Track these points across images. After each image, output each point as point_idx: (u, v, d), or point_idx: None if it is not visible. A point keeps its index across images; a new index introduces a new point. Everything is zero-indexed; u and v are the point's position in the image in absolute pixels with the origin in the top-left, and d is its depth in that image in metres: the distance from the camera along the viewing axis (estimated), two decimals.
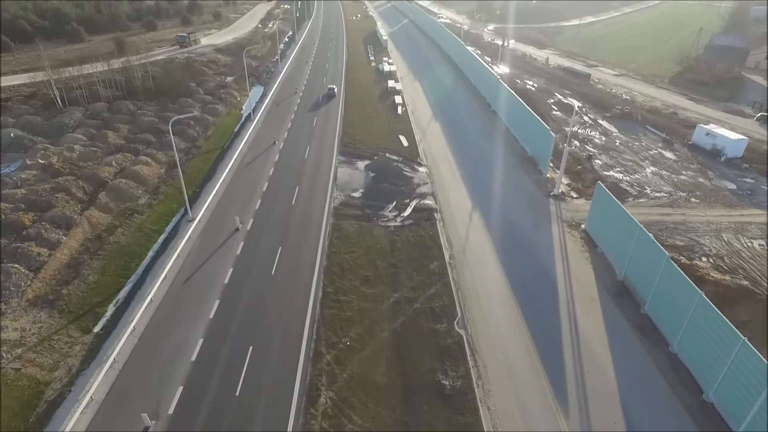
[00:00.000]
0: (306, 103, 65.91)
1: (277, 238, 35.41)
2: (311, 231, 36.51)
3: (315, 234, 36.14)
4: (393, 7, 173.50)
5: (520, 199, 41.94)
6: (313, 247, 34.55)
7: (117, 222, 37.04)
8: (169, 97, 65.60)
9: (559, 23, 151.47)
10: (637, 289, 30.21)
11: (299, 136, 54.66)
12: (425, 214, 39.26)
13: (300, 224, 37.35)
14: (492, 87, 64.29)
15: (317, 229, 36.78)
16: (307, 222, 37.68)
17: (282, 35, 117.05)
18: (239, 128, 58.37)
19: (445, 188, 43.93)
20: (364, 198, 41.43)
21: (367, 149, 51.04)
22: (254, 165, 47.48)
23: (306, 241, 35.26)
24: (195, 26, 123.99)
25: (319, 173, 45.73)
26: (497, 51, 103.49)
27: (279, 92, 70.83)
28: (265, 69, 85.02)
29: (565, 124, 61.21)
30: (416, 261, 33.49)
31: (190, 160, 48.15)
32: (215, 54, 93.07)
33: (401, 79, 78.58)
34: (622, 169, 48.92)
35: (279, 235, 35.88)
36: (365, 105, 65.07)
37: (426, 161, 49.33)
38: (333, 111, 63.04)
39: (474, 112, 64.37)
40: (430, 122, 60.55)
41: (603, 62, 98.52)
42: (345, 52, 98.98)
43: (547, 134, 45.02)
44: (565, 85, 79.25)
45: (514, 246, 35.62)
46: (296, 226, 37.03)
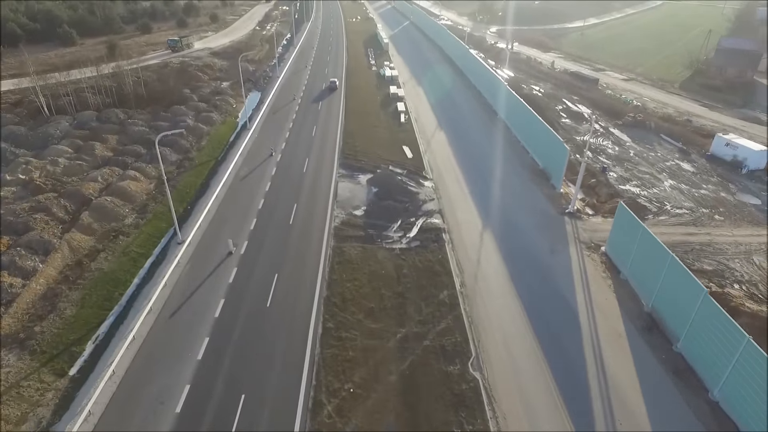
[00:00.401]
0: (305, 111, 63.18)
1: (274, 264, 32.66)
2: (310, 255, 33.76)
3: (314, 259, 33.40)
4: (393, 9, 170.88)
5: (534, 218, 39.23)
6: (312, 274, 31.81)
7: (100, 245, 34.26)
8: (161, 105, 62.85)
9: (563, 25, 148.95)
10: (668, 324, 27.52)
11: (297, 146, 51.92)
12: (433, 235, 36.55)
13: (298, 247, 34.60)
14: (498, 93, 61.65)
15: (317, 252, 34.04)
16: (305, 245, 34.94)
17: (280, 38, 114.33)
18: (234, 138, 55.60)
19: (452, 205, 41.22)
20: (367, 216, 38.70)
21: (369, 161, 48.32)
22: (250, 179, 44.73)
23: (304, 267, 32.52)
24: (191, 28, 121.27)
25: (319, 188, 43.00)
26: (501, 54, 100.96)
27: (276, 99, 68.08)
28: (263, 74, 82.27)
29: (576, 133, 58.63)
30: (424, 289, 30.79)
31: (182, 174, 45.37)
32: (211, 58, 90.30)
33: (403, 85, 75.87)
34: (639, 183, 46.26)
35: (275, 259, 33.13)
36: (367, 112, 62.36)
37: (432, 174, 46.62)
38: (333, 119, 60.33)
39: (480, 120, 61.69)
40: (434, 131, 57.85)
41: (610, 66, 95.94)
42: (345, 55, 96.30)
43: (561, 147, 42.34)
44: (573, 91, 76.59)
45: (530, 271, 32.92)
46: (294, 250, 34.28)
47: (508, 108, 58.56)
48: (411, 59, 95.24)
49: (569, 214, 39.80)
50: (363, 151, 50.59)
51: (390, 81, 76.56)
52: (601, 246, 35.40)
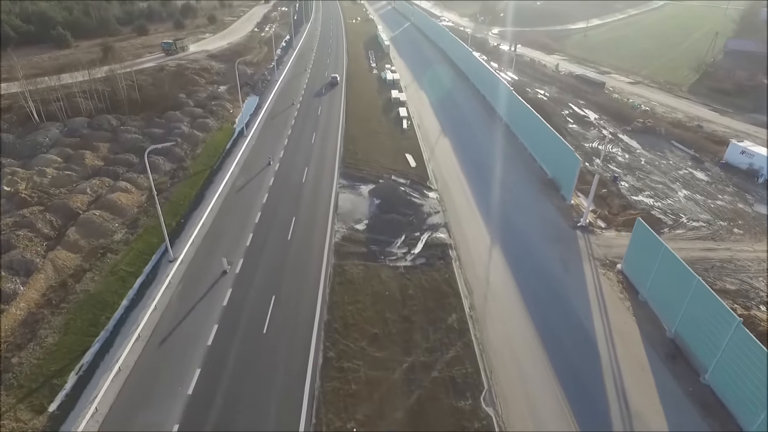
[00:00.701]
0: (304, 116, 61.25)
1: (271, 285, 30.74)
2: (310, 274, 31.84)
3: (314, 278, 31.48)
4: (394, 10, 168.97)
5: (544, 232, 37.32)
6: (311, 296, 29.89)
7: (87, 264, 32.33)
8: (156, 110, 60.90)
9: (565, 26, 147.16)
10: (694, 352, 25.63)
11: (297, 154, 50.00)
12: (439, 251, 34.64)
13: (297, 266, 32.68)
14: (503, 98, 59.76)
15: (316, 271, 32.12)
16: (305, 263, 33.02)
17: (279, 40, 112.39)
18: (231, 145, 53.65)
19: (459, 218, 39.31)
20: (369, 231, 36.78)
21: (371, 171, 46.41)
22: (246, 190, 42.81)
23: (304, 288, 30.61)
24: (188, 30, 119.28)
25: (319, 200, 41.09)
26: (503, 56, 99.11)
27: (275, 104, 66.16)
28: (261, 77, 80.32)
29: (584, 139, 56.77)
30: (432, 312, 28.89)
31: (175, 185, 43.43)
32: (208, 61, 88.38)
33: (405, 89, 73.95)
34: (652, 193, 44.39)
35: (272, 280, 31.22)
36: (368, 118, 60.44)
37: (436, 185, 44.72)
38: (333, 125, 58.41)
39: (485, 125, 59.77)
40: (438, 138, 55.94)
41: (615, 68, 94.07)
42: (345, 57, 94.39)
43: (572, 157, 40.44)
44: (579, 95, 74.74)
45: (542, 291, 31.03)
46: (292, 269, 32.36)
47: (513, 113, 56.69)
48: (412, 62, 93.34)
49: (581, 227, 37.91)
50: (364, 159, 48.68)
51: (391, 85, 74.65)
52: (616, 263, 33.53)
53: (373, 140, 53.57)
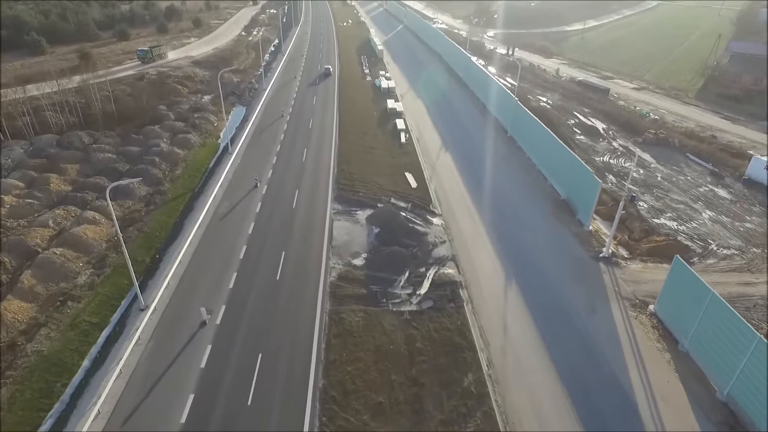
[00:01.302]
0: (294, 130, 57.01)
1: (257, 339, 26.56)
2: (302, 325, 27.69)
3: (307, 330, 27.34)
4: (386, 12, 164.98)
5: (564, 264, 33.50)
6: (304, 354, 25.74)
7: (43, 316, 27.91)
8: (133, 124, 56.39)
9: (561, 28, 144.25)
10: (754, 421, 21.88)
11: (286, 174, 45.77)
12: (448, 291, 30.67)
13: (287, 313, 28.51)
14: (507, 109, 55.99)
15: (309, 321, 27.99)
16: (296, 309, 28.86)
17: (267, 44, 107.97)
18: (215, 164, 49.28)
19: (467, 248, 35.37)
20: (369, 267, 32.69)
21: (368, 193, 42.34)
22: (230, 218, 38.52)
23: (296, 343, 26.46)
24: (172, 34, 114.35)
25: (311, 230, 36.92)
26: (501, 61, 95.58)
27: (263, 115, 61.81)
28: (248, 86, 75.85)
29: (594, 153, 53.19)
30: (444, 372, 24.89)
31: (151, 213, 39.02)
32: (192, 68, 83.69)
33: (402, 97, 69.95)
34: (674, 215, 40.83)
35: (259, 332, 27.03)
36: (363, 131, 56.33)
37: (440, 208, 40.76)
38: (326, 140, 54.22)
39: (488, 139, 55.91)
40: (439, 153, 52.00)
41: (616, 72, 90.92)
42: (337, 63, 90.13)
43: (590, 179, 36.67)
44: (584, 102, 71.30)
45: (568, 339, 27.20)
46: (282, 318, 28.19)
47: (519, 126, 52.94)
48: (408, 68, 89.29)
49: (604, 259, 34.15)
50: (360, 179, 44.59)
51: (387, 93, 70.63)
52: (648, 303, 29.79)
53: (369, 157, 49.49)
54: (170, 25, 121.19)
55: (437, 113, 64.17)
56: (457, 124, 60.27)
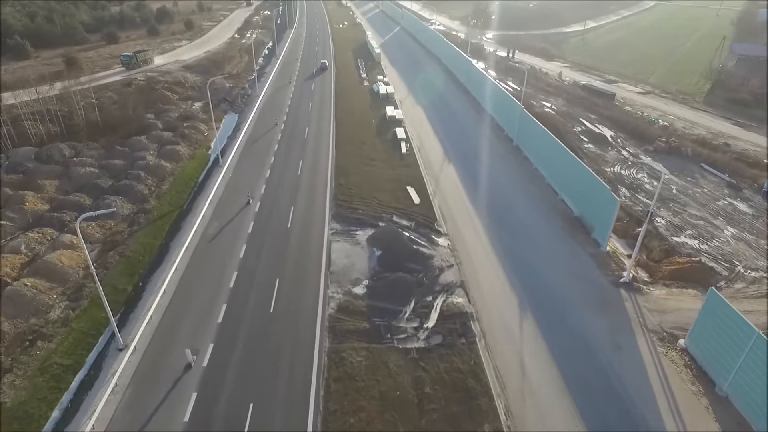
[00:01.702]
0: (289, 140, 54.19)
1: (248, 384, 23.81)
2: (298, 368, 24.95)
3: (304, 373, 24.60)
4: (382, 13, 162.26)
5: (581, 291, 30.93)
6: (301, 404, 23.00)
7: (9, 359, 25.02)
8: (119, 135, 53.44)
9: (560, 29, 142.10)
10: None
11: (281, 190, 42.98)
12: (458, 324, 28.03)
13: (282, 354, 25.75)
14: (512, 116, 53.40)
15: (307, 361, 25.26)
16: (291, 349, 26.11)
17: (261, 47, 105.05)
18: (204, 178, 46.44)
19: (476, 273, 32.73)
20: (371, 297, 30.00)
21: (368, 210, 39.62)
22: (220, 240, 35.70)
23: (292, 389, 23.73)
24: (163, 37, 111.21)
25: (308, 253, 34.16)
26: (502, 64, 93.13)
27: (256, 124, 58.94)
28: (240, 92, 72.91)
29: (603, 162, 50.73)
30: (457, 422, 22.27)
31: (135, 234, 36.13)
32: (183, 72, 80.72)
33: (401, 104, 67.27)
34: (695, 232, 38.40)
35: (250, 376, 24.27)
36: (361, 141, 53.59)
37: (446, 227, 38.09)
38: (322, 151, 51.44)
39: (493, 148, 53.29)
40: (442, 164, 49.35)
41: (620, 75, 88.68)
42: (333, 67, 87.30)
43: (606, 196, 34.13)
44: (589, 107, 68.90)
45: (593, 380, 24.62)
46: (276, 359, 25.43)
47: (526, 136, 50.40)
48: (406, 72, 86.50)
49: (625, 284, 31.61)
50: (359, 195, 41.87)
51: (385, 99, 67.92)
52: (677, 337, 27.27)
53: (368, 170, 46.76)
54: (161, 28, 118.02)
55: (438, 120, 61.52)
56: (459, 132, 57.64)
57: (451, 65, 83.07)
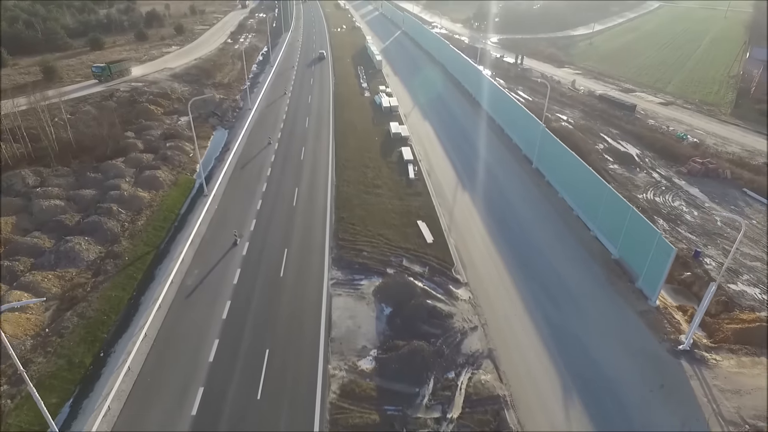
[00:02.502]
0: (283, 162, 48.75)
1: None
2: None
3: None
4: (382, 16, 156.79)
5: (636, 365, 25.55)
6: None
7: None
8: (93, 157, 47.93)
9: (566, 33, 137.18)
10: None
11: (273, 227, 37.51)
12: (489, 413, 22.67)
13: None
14: (532, 135, 48.07)
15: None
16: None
17: (255, 53, 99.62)
18: (187, 209, 40.98)
19: (505, 339, 27.37)
20: (381, 375, 24.58)
21: (374, 251, 34.22)
22: (200, 295, 30.22)
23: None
24: (152, 42, 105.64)
25: (304, 312, 28.72)
26: (510, 71, 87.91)
27: (247, 143, 53.44)
28: (231, 104, 67.35)
29: (633, 187, 45.54)
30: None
31: (101, 286, 30.64)
32: (170, 82, 75.14)
33: (406, 118, 61.83)
34: (753, 278, 33.22)
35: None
36: (364, 164, 48.13)
37: (465, 274, 32.71)
38: (321, 178, 45.96)
39: (511, 172, 47.88)
40: (455, 192, 43.97)
41: (637, 84, 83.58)
42: (331, 75, 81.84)
43: (660, 245, 28.75)
44: (609, 121, 63.77)
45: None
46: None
47: (548, 158, 45.14)
48: (410, 80, 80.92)
49: (685, 353, 26.30)
50: (363, 232, 36.45)
51: (389, 113, 62.50)
52: (760, 427, 21.95)
53: (372, 200, 41.32)
54: (150, 32, 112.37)
55: (447, 137, 56.12)
56: (472, 152, 52.23)
57: (459, 74, 77.66)
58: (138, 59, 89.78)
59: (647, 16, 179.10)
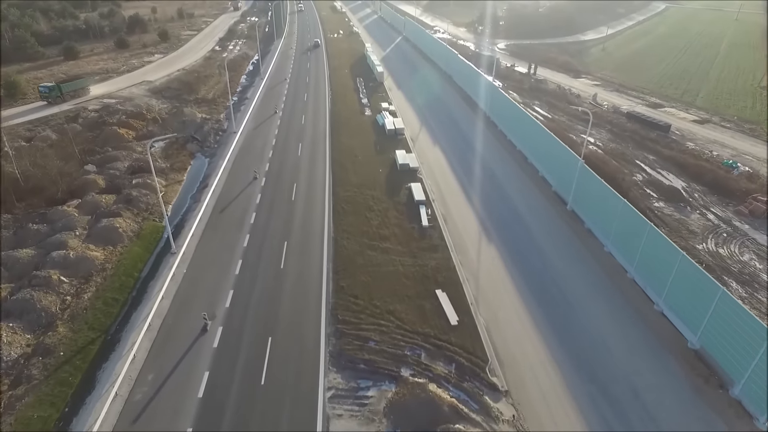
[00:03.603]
0: (270, 204, 41.00)
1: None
2: None
3: None
4: (381, 19, 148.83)
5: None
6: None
7: None
8: (43, 199, 40.10)
9: (576, 37, 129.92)
10: None
11: (254, 302, 29.71)
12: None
13: None
14: (565, 170, 40.45)
15: None
16: None
17: (245, 62, 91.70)
18: (148, 273, 33.16)
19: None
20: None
21: (384, 338, 26.56)
22: (155, 412, 22.44)
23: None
24: (133, 50, 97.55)
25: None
26: (523, 82, 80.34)
27: (229, 177, 45.61)
28: (214, 126, 59.39)
29: (689, 234, 38.11)
30: None
31: (19, 402, 22.81)
32: (147, 98, 67.25)
33: (414, 143, 54.03)
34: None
35: None
36: (367, 207, 40.31)
37: (504, 376, 25.03)
38: (316, 226, 38.17)
39: (544, 215, 40.17)
40: (479, 245, 36.25)
41: (661, 95, 76.20)
42: (327, 90, 73.92)
43: (750, 323, 21.17)
44: (642, 144, 56.31)
45: None
46: None
47: (586, 199, 37.51)
48: (415, 95, 72.45)
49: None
50: (369, 308, 28.76)
51: (393, 137, 54.71)
52: None
53: (378, 257, 33.58)
54: (132, 39, 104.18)
55: (462, 169, 48.33)
56: (493, 188, 44.47)
57: (469, 88, 69.89)
58: (115, 70, 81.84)
59: (656, 19, 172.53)
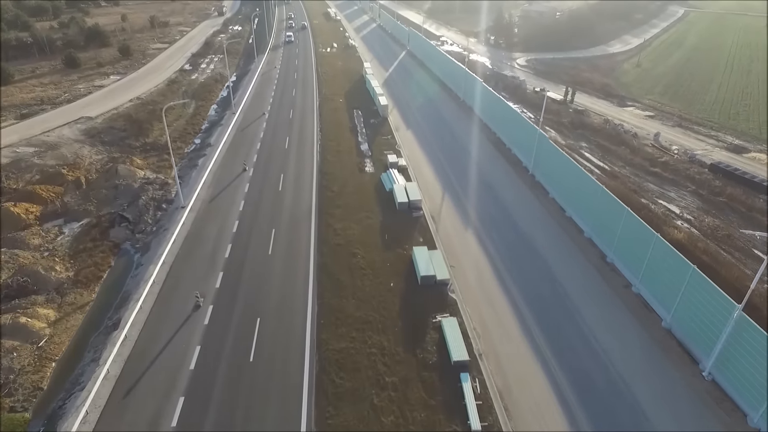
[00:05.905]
0: (214, 370, 25.00)
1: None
2: None
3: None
4: (380, 29, 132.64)
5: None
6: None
7: None
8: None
9: (603, 49, 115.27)
10: None
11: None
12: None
13: None
14: (639, 254, 24.68)
15: None
16: None
17: (217, 86, 75.54)
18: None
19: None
20: None
21: None
22: None
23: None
24: (83, 71, 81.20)
25: None
26: (561, 113, 64.79)
27: (158, 301, 29.49)
28: (156, 195, 42.82)
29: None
30: None
31: None
32: (80, 145, 51.21)
33: (436, 223, 37.73)
34: None
35: None
36: (377, 378, 24.34)
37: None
38: (291, 406, 22.27)
39: (635, 351, 24.41)
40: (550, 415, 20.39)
41: (735, 132, 60.98)
42: (316, 130, 57.53)
43: None
44: (744, 215, 40.87)
45: None
46: None
47: (669, 299, 21.71)
48: (430, 139, 54.60)
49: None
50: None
51: (407, 213, 38.60)
52: None
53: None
54: (87, 56, 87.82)
55: (513, 278, 32.24)
56: (563, 325, 28.54)
57: (500, 128, 54.06)
58: (52, 100, 65.67)
59: (680, 26, 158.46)
